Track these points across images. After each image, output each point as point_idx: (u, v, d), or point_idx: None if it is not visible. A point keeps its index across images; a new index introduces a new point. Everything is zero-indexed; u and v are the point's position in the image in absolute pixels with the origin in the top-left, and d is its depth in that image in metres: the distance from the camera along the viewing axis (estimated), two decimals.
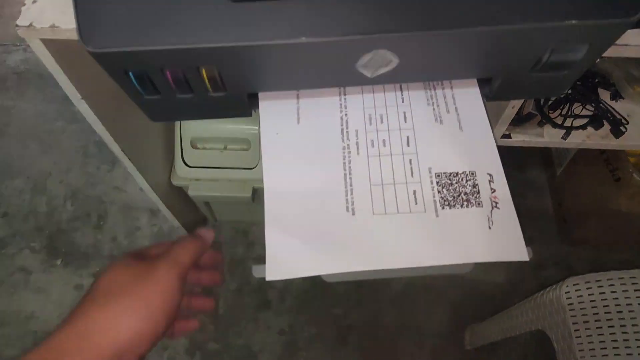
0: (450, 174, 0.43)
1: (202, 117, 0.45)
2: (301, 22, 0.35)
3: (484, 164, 0.43)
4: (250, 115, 0.46)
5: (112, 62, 0.36)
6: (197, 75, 0.38)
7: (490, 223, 0.40)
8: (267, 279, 0.37)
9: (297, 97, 0.46)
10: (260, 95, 0.45)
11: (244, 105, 0.44)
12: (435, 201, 0.41)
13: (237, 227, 1.33)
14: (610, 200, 1.13)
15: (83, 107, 0.65)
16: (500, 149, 0.44)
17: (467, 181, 0.42)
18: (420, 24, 0.36)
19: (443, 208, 0.41)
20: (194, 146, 0.98)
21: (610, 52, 0.53)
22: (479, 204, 0.41)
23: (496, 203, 0.41)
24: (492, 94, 0.46)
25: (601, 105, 0.72)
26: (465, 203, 0.41)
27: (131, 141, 0.79)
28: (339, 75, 0.41)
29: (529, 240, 0.38)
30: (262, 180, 0.42)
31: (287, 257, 0.39)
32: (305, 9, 0.35)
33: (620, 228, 1.20)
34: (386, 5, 0.35)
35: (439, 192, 0.42)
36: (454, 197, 0.42)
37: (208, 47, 0.35)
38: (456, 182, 0.42)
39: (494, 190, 0.42)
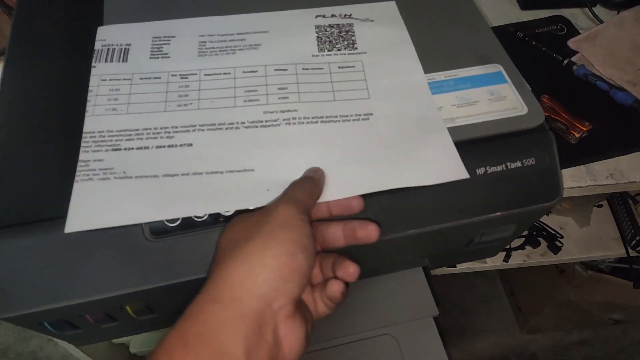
0: None
1: (134, 334, 0.42)
2: None
3: None
4: None
5: (24, 320, 0.33)
6: (121, 311, 0.35)
7: None
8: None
9: None
10: None
11: (175, 317, 0.41)
12: None
13: None
14: (558, 290, 1.16)
15: None
16: None
17: None
18: None
19: None
20: None
21: None
22: None
23: None
24: (433, 266, 0.46)
25: (534, 223, 0.75)
26: None
27: None
28: None
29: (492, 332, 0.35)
30: None
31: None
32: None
33: (573, 314, 1.22)
34: None
35: None
36: None
37: (133, 291, 0.32)
38: None
39: None
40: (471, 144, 0.37)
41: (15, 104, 0.38)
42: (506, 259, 0.71)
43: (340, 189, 0.34)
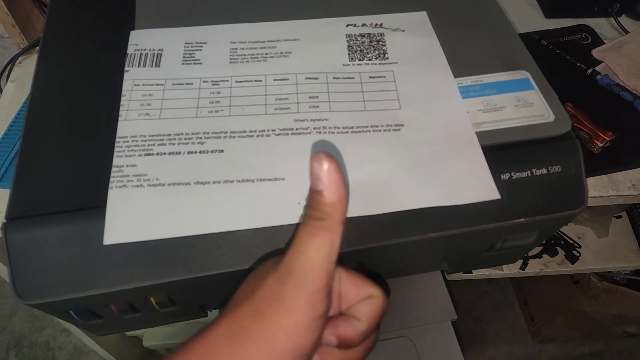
0: None
1: (152, 326, 0.42)
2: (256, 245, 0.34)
3: None
4: (205, 316, 0.43)
5: (52, 307, 0.33)
6: (144, 302, 0.36)
7: None
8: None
9: None
10: None
11: (196, 311, 0.41)
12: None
13: None
14: (572, 300, 1.15)
15: None
16: None
17: None
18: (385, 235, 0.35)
19: None
20: None
21: None
22: None
23: None
24: (452, 270, 0.46)
25: None
26: None
27: None
28: None
29: (503, 341, 0.34)
30: None
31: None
32: (253, 235, 0.34)
33: (586, 325, 1.20)
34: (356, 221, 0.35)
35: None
36: None
37: (161, 282, 0.33)
38: None
39: None
40: (496, 149, 0.37)
41: (50, 98, 0.39)
42: (523, 266, 0.71)
43: (367, 205, 0.34)
